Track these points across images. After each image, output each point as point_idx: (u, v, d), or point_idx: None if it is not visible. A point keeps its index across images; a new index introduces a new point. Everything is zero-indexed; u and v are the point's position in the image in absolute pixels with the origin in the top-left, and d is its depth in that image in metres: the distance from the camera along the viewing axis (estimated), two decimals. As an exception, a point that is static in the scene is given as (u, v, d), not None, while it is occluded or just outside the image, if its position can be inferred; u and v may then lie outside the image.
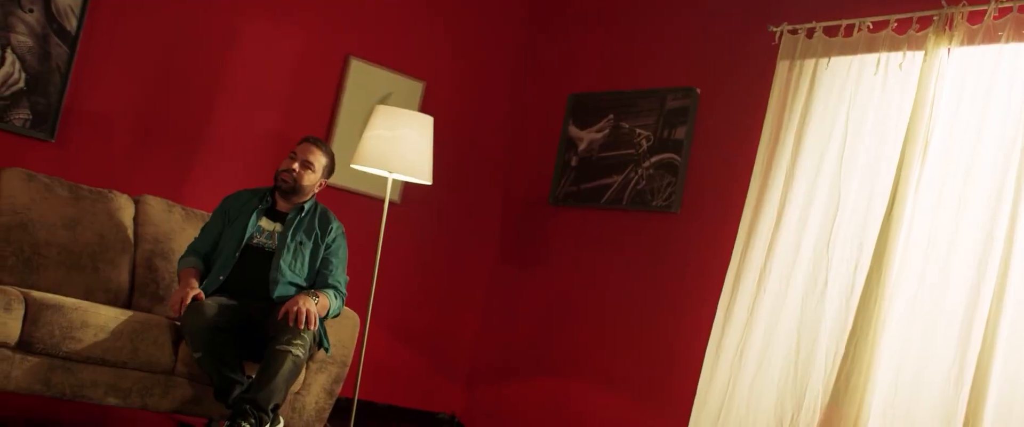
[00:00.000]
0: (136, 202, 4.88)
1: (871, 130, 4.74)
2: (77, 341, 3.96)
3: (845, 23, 4.93)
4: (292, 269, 4.50)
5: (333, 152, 4.84)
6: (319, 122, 5.98)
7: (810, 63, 5.01)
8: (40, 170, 4.74)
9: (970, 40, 4.47)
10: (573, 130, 6.32)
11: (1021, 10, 4.33)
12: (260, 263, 4.51)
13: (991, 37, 4.39)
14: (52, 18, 5.09)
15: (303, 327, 4.18)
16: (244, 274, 4.47)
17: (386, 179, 5.47)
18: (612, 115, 6.10)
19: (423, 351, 6.47)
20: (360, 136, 5.54)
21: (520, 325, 6.36)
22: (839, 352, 4.57)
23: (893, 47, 4.72)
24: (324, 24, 5.99)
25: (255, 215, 4.59)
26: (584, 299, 6.02)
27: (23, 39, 5.03)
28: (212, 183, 5.44)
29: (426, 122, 5.43)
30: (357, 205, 6.00)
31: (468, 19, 6.57)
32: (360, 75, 6.08)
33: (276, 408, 4.15)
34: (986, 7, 4.42)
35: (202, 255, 4.59)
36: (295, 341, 4.12)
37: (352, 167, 5.53)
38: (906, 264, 4.45)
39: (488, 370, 6.48)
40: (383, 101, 6.05)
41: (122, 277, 4.65)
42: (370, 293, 5.34)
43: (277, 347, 4.10)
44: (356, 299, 5.15)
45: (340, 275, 4.64)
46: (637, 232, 5.85)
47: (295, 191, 4.63)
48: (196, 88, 5.59)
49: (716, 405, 4.92)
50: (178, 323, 4.32)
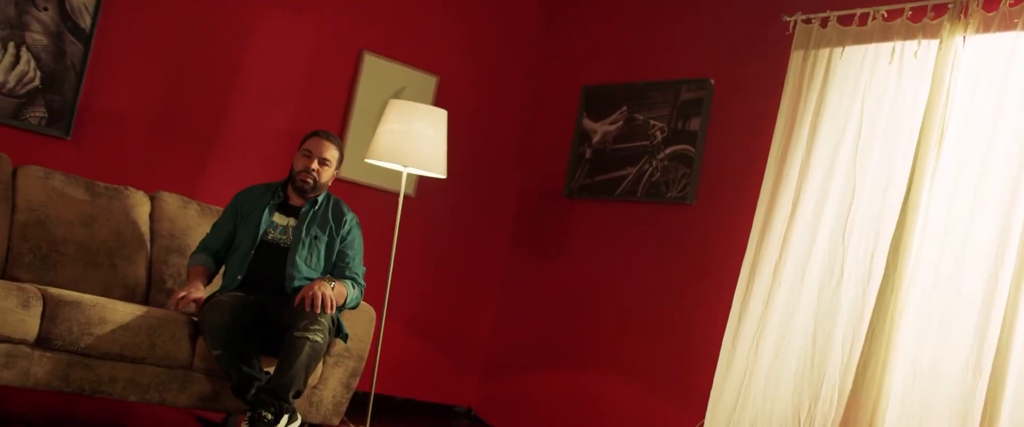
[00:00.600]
0: (152, 199, 4.89)
1: (886, 119, 4.72)
2: (95, 337, 3.98)
3: (859, 12, 4.91)
4: (308, 264, 4.50)
5: (341, 142, 4.82)
6: (333, 117, 5.99)
7: (824, 52, 4.99)
8: (56, 168, 4.76)
9: (985, 27, 4.45)
10: (587, 122, 6.32)
11: (1037, -3, 4.31)
12: (276, 259, 4.51)
13: (1007, 24, 4.37)
14: (66, 16, 5.11)
15: (319, 311, 4.18)
16: (260, 271, 4.47)
17: (401, 173, 5.48)
18: (626, 107, 6.09)
19: (439, 345, 6.48)
20: (374, 131, 5.55)
21: (536, 318, 6.36)
22: (856, 342, 4.56)
23: (908, 35, 4.70)
24: (337, 19, 5.99)
25: (268, 211, 4.57)
26: (599, 291, 6.02)
27: (38, 37, 5.05)
28: (227, 179, 5.46)
29: (440, 116, 5.43)
30: (372, 199, 6.01)
31: (481, 13, 6.57)
32: (374, 70, 6.09)
33: (297, 395, 4.16)
34: (1001, -6, 4.40)
35: (213, 252, 4.59)
36: (312, 327, 4.12)
37: (366, 162, 5.54)
38: (923, 253, 4.43)
39: (504, 363, 6.48)
40: (397, 95, 6.05)
41: (139, 273, 4.67)
42: (386, 287, 5.35)
43: (295, 334, 4.11)
44: (372, 293, 5.16)
45: (357, 266, 4.64)
46: (652, 224, 5.85)
47: (315, 190, 4.62)
48: (210, 84, 5.60)
49: (732, 396, 4.91)
50: (195, 319, 4.33)
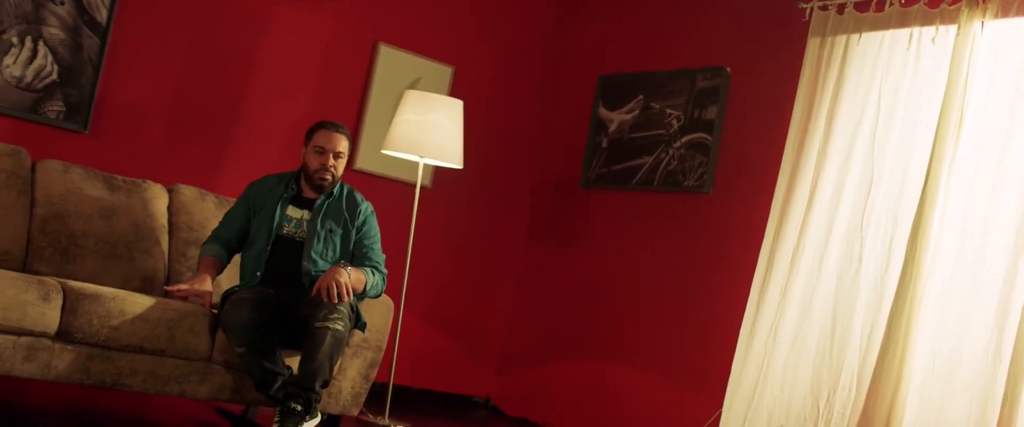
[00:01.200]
0: (170, 191, 4.90)
1: (904, 106, 4.70)
2: (115, 330, 4.00)
3: (876, -2, 4.89)
4: (323, 258, 4.47)
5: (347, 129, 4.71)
6: (349, 108, 6.00)
7: (841, 39, 4.97)
8: (74, 161, 4.77)
9: (1004, 12, 4.42)
10: (603, 111, 6.31)
11: (1056, -19, 4.29)
12: (292, 253, 4.47)
13: (1026, 9, 4.35)
14: (83, 10, 5.12)
15: (338, 300, 4.17)
16: (277, 266, 4.45)
17: (417, 164, 5.48)
18: (642, 96, 6.08)
19: (456, 335, 6.48)
20: (390, 122, 5.55)
21: (553, 308, 6.37)
22: (875, 330, 4.55)
23: (925, 21, 4.67)
24: (352, 10, 6.00)
25: (281, 204, 4.52)
26: (617, 281, 6.01)
27: (55, 31, 5.06)
28: (244, 171, 5.46)
29: (456, 106, 5.43)
30: (389, 190, 6.01)
31: (496, 2, 6.56)
32: (389, 61, 6.09)
33: (325, 384, 4.17)
34: (1020, -21, 4.37)
35: (224, 242, 4.56)
36: (332, 316, 4.12)
37: (383, 153, 5.54)
38: (942, 240, 4.41)
39: (521, 353, 6.49)
40: (412, 86, 6.05)
41: (158, 266, 4.68)
42: (403, 278, 5.36)
43: (316, 325, 4.10)
44: (389, 284, 5.16)
45: (376, 255, 4.59)
46: (669, 213, 5.84)
47: (332, 184, 4.56)
48: (226, 77, 5.62)
49: (750, 385, 4.91)
50: (214, 311, 4.35)
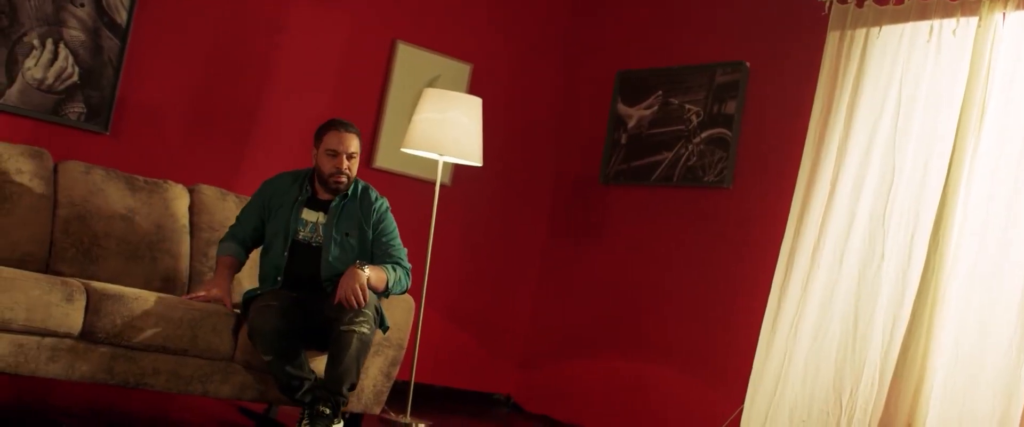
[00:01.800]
0: (190, 191, 4.92)
1: (925, 99, 4.68)
2: (138, 330, 4.01)
3: (896, -9, 4.87)
4: (342, 262, 4.38)
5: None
6: (368, 107, 6.01)
7: (861, 33, 4.95)
8: (96, 162, 4.80)
9: (1025, 4, 4.40)
10: (622, 107, 6.30)
11: (1078, -28, 4.26)
12: (310, 259, 4.41)
13: (1047, 0, 4.32)
14: (102, 12, 5.15)
15: (363, 304, 4.15)
16: (296, 271, 4.40)
17: (437, 162, 5.48)
18: (661, 91, 6.06)
19: (477, 333, 6.49)
20: (409, 120, 5.56)
21: (573, 305, 6.36)
22: (898, 324, 4.53)
23: (946, 13, 4.65)
24: (370, 9, 6.00)
25: (296, 208, 4.44)
26: (637, 278, 6.01)
27: (75, 33, 5.09)
28: (264, 170, 5.46)
29: (475, 104, 5.43)
30: (408, 188, 6.02)
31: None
32: (407, 59, 6.09)
33: (352, 387, 4.16)
34: (1041, -30, 4.35)
35: (240, 240, 4.53)
36: (358, 319, 4.09)
37: (402, 151, 5.55)
38: (964, 233, 4.39)
39: (542, 350, 6.49)
40: (431, 84, 6.06)
41: (180, 266, 4.70)
42: (424, 276, 5.36)
43: (342, 328, 4.08)
44: (410, 282, 5.16)
45: (397, 251, 4.50)
46: (689, 208, 5.83)
47: (348, 185, 4.45)
48: (245, 77, 5.63)
49: (772, 380, 4.89)
50: (237, 311, 4.36)
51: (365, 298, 4.16)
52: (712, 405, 5.33)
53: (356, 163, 4.47)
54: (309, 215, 4.45)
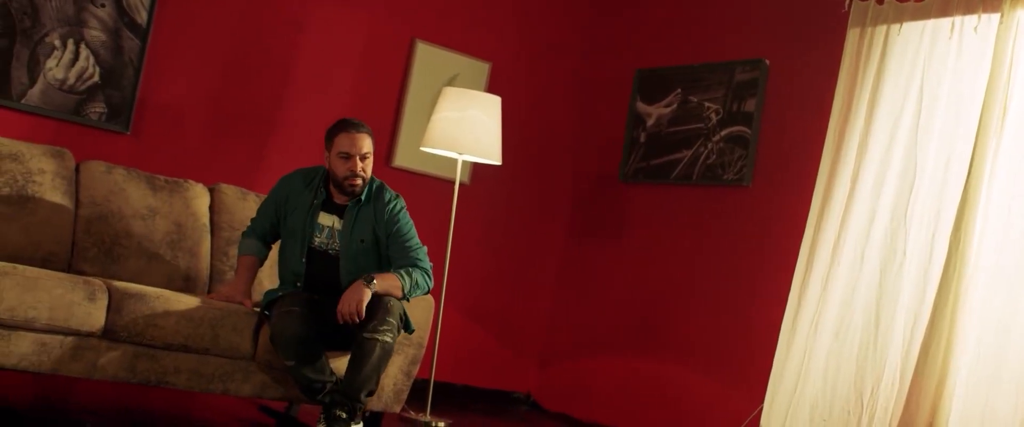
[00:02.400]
0: (211, 191, 4.93)
1: (946, 97, 4.65)
2: (160, 329, 4.03)
3: (917, -12, 4.84)
4: (358, 271, 4.31)
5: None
6: (386, 105, 6.02)
7: (882, 30, 4.93)
8: (117, 162, 4.82)
9: (1048, 0, 4.37)
10: (641, 106, 6.29)
11: (1101, -32, 4.23)
12: (327, 266, 4.36)
13: (1070, -3, 4.29)
14: (123, 12, 5.17)
15: (361, 319, 4.12)
16: (315, 277, 4.36)
17: (456, 161, 5.49)
18: (680, 89, 6.05)
19: (497, 331, 6.49)
20: (428, 119, 5.57)
21: (593, 303, 6.36)
22: (918, 323, 4.51)
23: (968, 10, 4.62)
24: (389, 8, 6.01)
25: (311, 213, 4.36)
26: (656, 276, 6.00)
27: (96, 34, 5.11)
28: (283, 170, 5.43)
29: (494, 103, 5.44)
30: (427, 187, 6.03)
31: (532, -2, 6.57)
32: (426, 57, 6.10)
33: (371, 394, 4.16)
34: (1064, -34, 4.32)
35: (260, 236, 4.50)
36: (381, 328, 4.06)
37: (421, 150, 5.55)
38: (986, 231, 4.37)
39: (562, 349, 6.49)
40: (450, 83, 6.06)
41: (201, 265, 4.72)
42: (443, 275, 5.37)
43: (365, 335, 4.06)
44: (430, 281, 5.17)
45: (416, 252, 4.36)
46: (709, 207, 5.82)
47: (363, 186, 4.34)
48: (265, 76, 5.65)
49: (792, 379, 4.88)
50: (256, 309, 4.37)
51: (360, 316, 4.10)
52: (732, 403, 5.32)
53: (370, 163, 4.35)
54: (325, 219, 4.38)
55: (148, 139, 5.29)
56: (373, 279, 4.16)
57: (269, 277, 4.74)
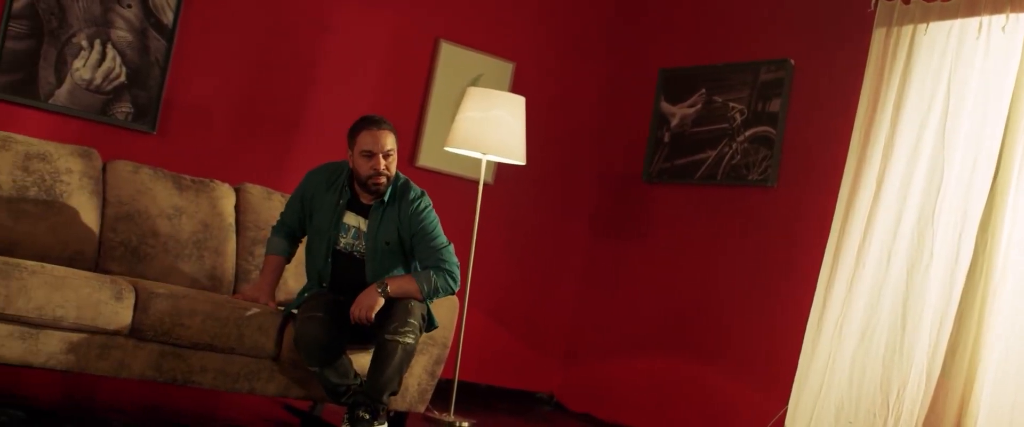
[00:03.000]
0: (237, 191, 4.95)
1: (974, 96, 4.62)
2: (186, 328, 4.05)
3: (944, -13, 4.81)
4: (385, 270, 4.31)
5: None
6: (411, 105, 6.03)
7: (908, 29, 4.90)
8: (143, 162, 4.84)
9: (1077, -1, 4.34)
10: (665, 106, 6.28)
11: None
12: (353, 269, 4.33)
13: (1099, -5, 4.26)
14: (149, 13, 5.20)
15: (405, 318, 4.12)
16: (340, 279, 4.35)
17: (480, 161, 5.49)
18: (704, 89, 6.04)
19: (520, 331, 6.49)
20: (452, 119, 5.57)
21: (616, 303, 6.35)
22: (945, 323, 4.48)
23: (995, 9, 4.59)
24: (413, 8, 6.02)
25: (337, 214, 4.32)
26: (680, 276, 5.99)
27: (122, 34, 5.14)
28: (308, 169, 5.51)
29: (518, 103, 5.43)
30: (452, 187, 6.03)
31: (556, -2, 6.57)
32: (450, 57, 6.11)
33: (392, 394, 4.17)
34: (1093, -35, 4.28)
35: (287, 233, 4.49)
36: (403, 329, 4.06)
37: (446, 150, 5.56)
38: (1014, 232, 4.35)
39: (586, 349, 6.48)
40: (474, 83, 6.07)
41: (226, 264, 4.73)
42: (467, 275, 5.37)
43: (387, 337, 4.06)
44: (454, 281, 5.17)
45: (441, 251, 4.27)
46: (733, 207, 5.80)
47: (387, 183, 4.28)
48: (289, 76, 5.67)
49: (817, 381, 4.86)
50: (281, 308, 4.38)
51: (371, 320, 4.11)
52: (757, 404, 5.30)
53: (394, 161, 4.28)
54: (351, 219, 4.34)
55: (174, 139, 5.32)
56: (387, 285, 4.14)
57: (294, 277, 4.76)
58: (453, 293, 4.36)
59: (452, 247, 4.33)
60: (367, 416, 4.09)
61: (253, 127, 5.57)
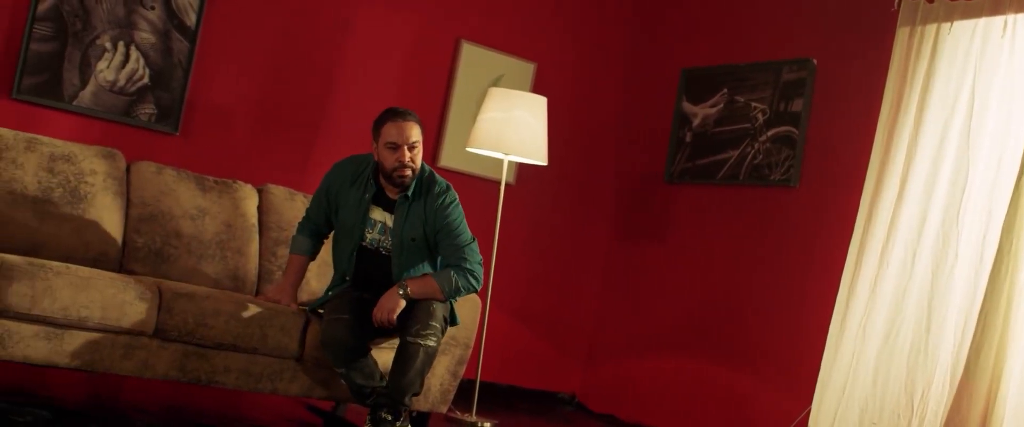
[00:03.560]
0: (260, 191, 4.96)
1: (999, 96, 4.59)
2: (209, 328, 4.06)
3: (968, -14, 4.79)
4: (411, 267, 4.31)
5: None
6: (433, 106, 6.03)
7: (932, 28, 4.87)
8: (166, 163, 4.86)
9: (1103, -2, 4.30)
10: (687, 106, 6.26)
11: None
12: (379, 265, 4.32)
13: (1126, -6, 4.22)
14: (172, 14, 5.22)
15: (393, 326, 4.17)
16: (365, 275, 4.35)
17: (502, 161, 5.49)
18: (726, 89, 6.02)
19: (542, 332, 6.49)
20: (473, 119, 5.58)
21: (639, 304, 6.34)
22: (969, 326, 4.45)
23: (1021, 8, 4.56)
24: (435, 8, 6.03)
25: (362, 208, 4.29)
26: (702, 276, 5.97)
27: (146, 36, 5.17)
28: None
29: (540, 103, 5.43)
30: (473, 187, 6.03)
31: (577, -2, 6.57)
32: (472, 58, 6.11)
33: (415, 395, 4.18)
34: (1120, -37, 4.25)
35: (312, 231, 4.48)
36: (424, 332, 4.07)
37: (467, 150, 5.56)
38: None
39: (607, 349, 6.47)
40: (495, 83, 6.07)
41: (249, 265, 4.75)
42: (489, 275, 5.37)
43: (409, 339, 4.07)
44: (476, 281, 5.17)
45: (465, 249, 4.23)
46: (755, 207, 5.78)
47: (413, 175, 4.24)
48: (312, 77, 5.68)
49: (841, 381, 4.84)
50: (304, 307, 4.39)
51: (393, 323, 4.13)
52: (779, 405, 5.29)
53: (419, 153, 4.23)
54: (376, 213, 4.32)
55: (197, 140, 5.34)
56: (407, 287, 4.15)
57: (317, 276, 4.77)
58: (476, 291, 4.35)
59: (476, 243, 4.31)
60: (389, 417, 4.10)
61: (276, 128, 5.58)
